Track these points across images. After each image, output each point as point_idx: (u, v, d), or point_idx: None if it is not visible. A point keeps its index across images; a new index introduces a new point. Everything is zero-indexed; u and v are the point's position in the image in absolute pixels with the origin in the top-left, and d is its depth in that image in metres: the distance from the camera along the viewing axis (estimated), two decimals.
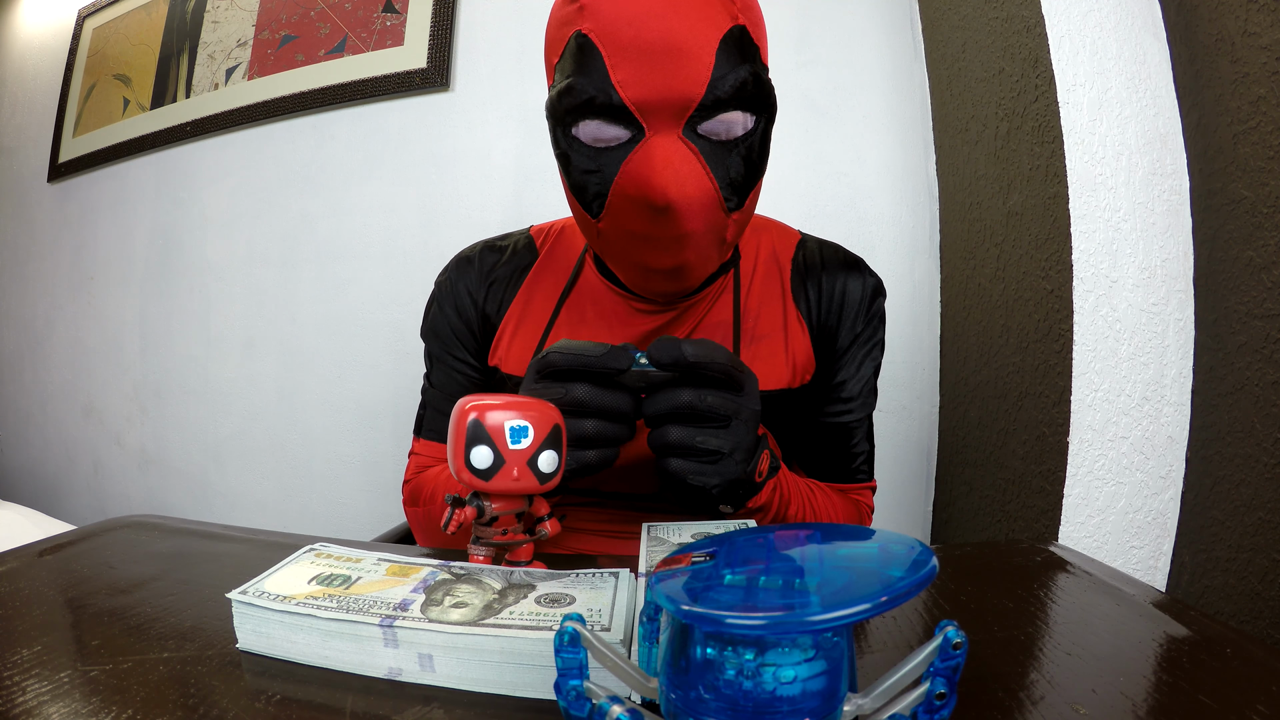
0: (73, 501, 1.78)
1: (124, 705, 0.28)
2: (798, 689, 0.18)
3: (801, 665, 0.18)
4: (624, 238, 0.51)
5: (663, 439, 0.43)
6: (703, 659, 0.18)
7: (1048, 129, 0.76)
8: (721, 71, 0.46)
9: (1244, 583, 0.64)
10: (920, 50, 1.14)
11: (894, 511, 1.15)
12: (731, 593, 0.18)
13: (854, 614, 0.16)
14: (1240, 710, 0.27)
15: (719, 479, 0.44)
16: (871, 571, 0.18)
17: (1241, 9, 0.64)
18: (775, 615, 0.16)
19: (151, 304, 1.63)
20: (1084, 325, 0.73)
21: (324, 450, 1.45)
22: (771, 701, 0.18)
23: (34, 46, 1.91)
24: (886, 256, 1.15)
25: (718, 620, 0.16)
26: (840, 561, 0.19)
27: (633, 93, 0.46)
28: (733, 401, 0.44)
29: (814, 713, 0.18)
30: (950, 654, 0.20)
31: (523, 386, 0.47)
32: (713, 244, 0.52)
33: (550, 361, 0.44)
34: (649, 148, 0.47)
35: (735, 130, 0.48)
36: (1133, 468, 0.73)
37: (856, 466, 0.65)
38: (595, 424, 0.43)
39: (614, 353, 0.43)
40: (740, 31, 0.47)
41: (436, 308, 0.66)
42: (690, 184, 0.47)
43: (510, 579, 0.35)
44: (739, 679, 0.18)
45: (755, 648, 0.18)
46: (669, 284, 0.54)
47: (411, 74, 1.36)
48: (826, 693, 0.19)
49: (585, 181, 0.50)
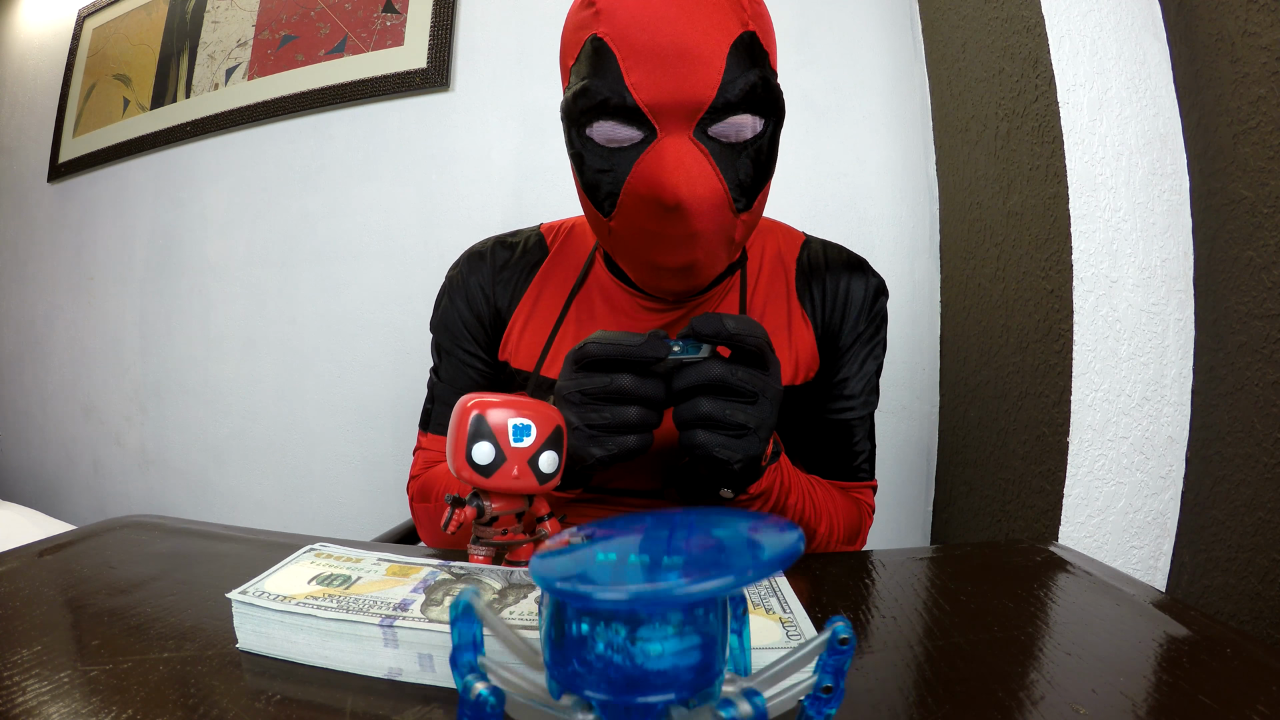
0: (73, 501, 1.78)
1: (124, 705, 0.28)
2: (668, 664, 0.18)
3: (670, 640, 0.18)
4: (635, 236, 0.52)
5: (694, 410, 0.44)
6: (577, 635, 0.19)
7: (1048, 129, 0.76)
8: (732, 75, 0.47)
9: (1244, 583, 0.64)
10: (920, 50, 1.14)
11: (894, 511, 1.15)
12: (602, 570, 0.18)
13: (714, 588, 0.17)
14: (1240, 710, 0.27)
15: (742, 454, 0.44)
16: (738, 550, 0.19)
17: (1241, 9, 0.64)
18: (638, 589, 0.17)
19: (151, 304, 1.63)
20: (1084, 325, 0.73)
21: (324, 450, 1.45)
22: (644, 676, 0.18)
23: (34, 46, 1.90)
24: (886, 256, 1.15)
25: (585, 595, 0.17)
26: (709, 541, 0.19)
27: (646, 95, 0.47)
28: (761, 379, 0.44)
29: (686, 687, 0.19)
30: (838, 649, 0.20)
31: (561, 377, 0.47)
32: (721, 243, 0.52)
33: (589, 352, 0.44)
34: (661, 148, 0.48)
35: (745, 133, 0.49)
36: (1133, 468, 0.73)
37: (858, 465, 0.65)
38: (639, 411, 0.44)
39: (652, 341, 0.44)
40: (750, 37, 0.48)
41: (448, 301, 0.67)
42: (700, 184, 0.48)
43: (510, 579, 0.35)
44: (609, 653, 0.18)
45: (626, 623, 0.18)
46: (678, 282, 0.54)
47: (411, 74, 1.36)
48: (699, 668, 0.19)
49: (598, 180, 0.51)
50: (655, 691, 0.19)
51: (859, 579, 0.45)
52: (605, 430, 0.44)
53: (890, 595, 0.42)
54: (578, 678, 0.19)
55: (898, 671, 0.32)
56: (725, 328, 0.43)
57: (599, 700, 0.19)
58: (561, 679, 0.20)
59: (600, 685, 0.19)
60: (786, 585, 0.36)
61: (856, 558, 0.50)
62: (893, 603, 0.40)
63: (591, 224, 0.56)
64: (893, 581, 0.44)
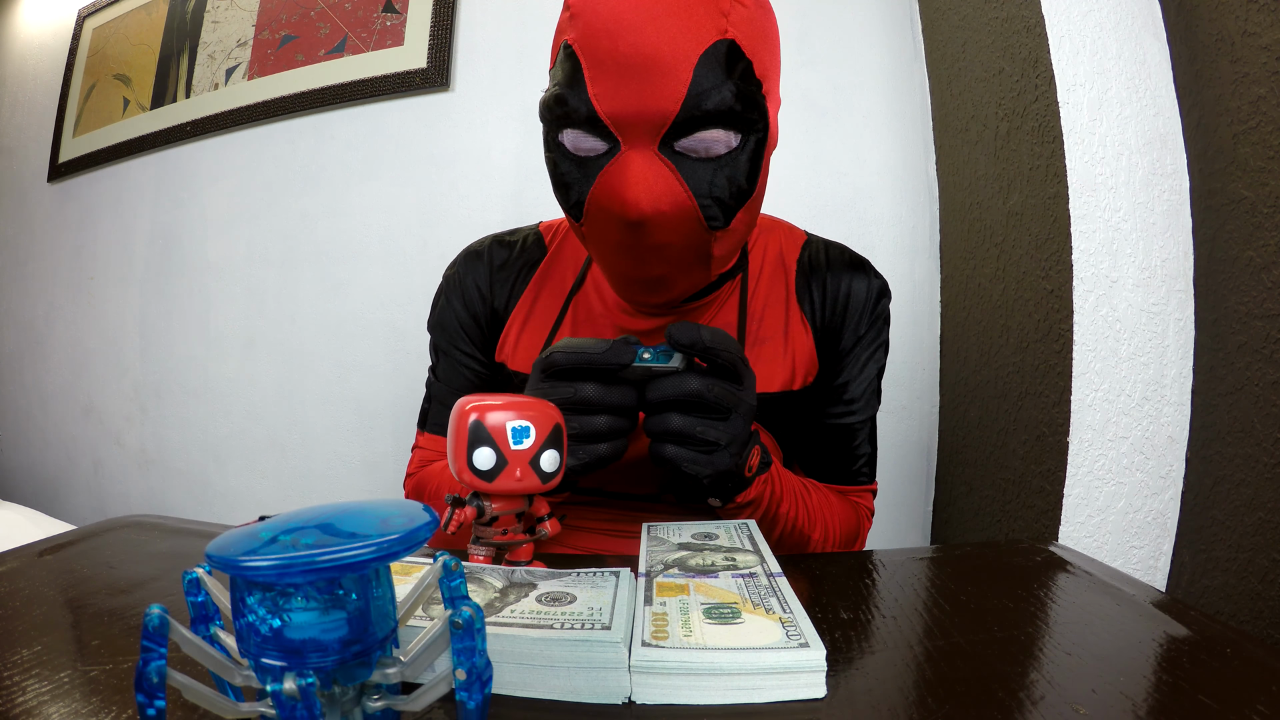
0: (73, 501, 1.78)
1: (124, 705, 0.28)
2: (314, 633, 0.21)
3: (313, 612, 0.21)
4: (603, 245, 0.51)
5: (663, 425, 0.43)
6: (246, 605, 0.21)
7: (1048, 129, 0.76)
8: (701, 87, 0.44)
9: (1244, 583, 0.64)
10: (920, 50, 1.14)
11: (894, 511, 1.15)
12: (263, 546, 0.20)
13: (341, 558, 0.20)
14: (1240, 710, 0.27)
15: (711, 469, 0.44)
16: (373, 529, 0.21)
17: (1241, 9, 0.64)
18: (279, 558, 0.19)
19: (151, 304, 1.63)
20: (1084, 325, 0.73)
21: (324, 450, 1.45)
22: (298, 644, 0.21)
23: (34, 46, 1.90)
24: (886, 256, 1.15)
25: (235, 564, 0.20)
26: (356, 524, 0.22)
27: (607, 106, 0.46)
28: (735, 394, 0.44)
29: (335, 654, 0.21)
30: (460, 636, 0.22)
31: (528, 386, 0.47)
32: (693, 260, 0.51)
33: (554, 361, 0.44)
34: (623, 162, 0.46)
35: (716, 149, 0.47)
36: (1133, 468, 0.73)
37: (858, 469, 0.65)
38: (607, 419, 0.44)
39: (616, 348, 0.43)
40: (728, 46, 0.45)
41: (444, 300, 0.66)
42: (665, 200, 0.46)
43: (511, 578, 0.35)
44: (268, 618, 0.21)
45: (278, 595, 0.21)
46: (649, 294, 0.53)
47: (411, 74, 1.35)
48: (347, 641, 0.22)
49: (568, 186, 0.51)
50: (308, 658, 0.21)
51: (859, 579, 0.45)
52: (575, 440, 0.44)
53: (890, 595, 0.42)
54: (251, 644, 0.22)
55: (898, 671, 0.32)
56: (701, 339, 0.42)
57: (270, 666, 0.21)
58: (241, 646, 0.22)
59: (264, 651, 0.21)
60: (786, 585, 0.36)
61: (856, 558, 0.50)
62: (893, 603, 0.40)
63: (571, 228, 0.55)
64: (893, 581, 0.44)
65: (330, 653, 0.21)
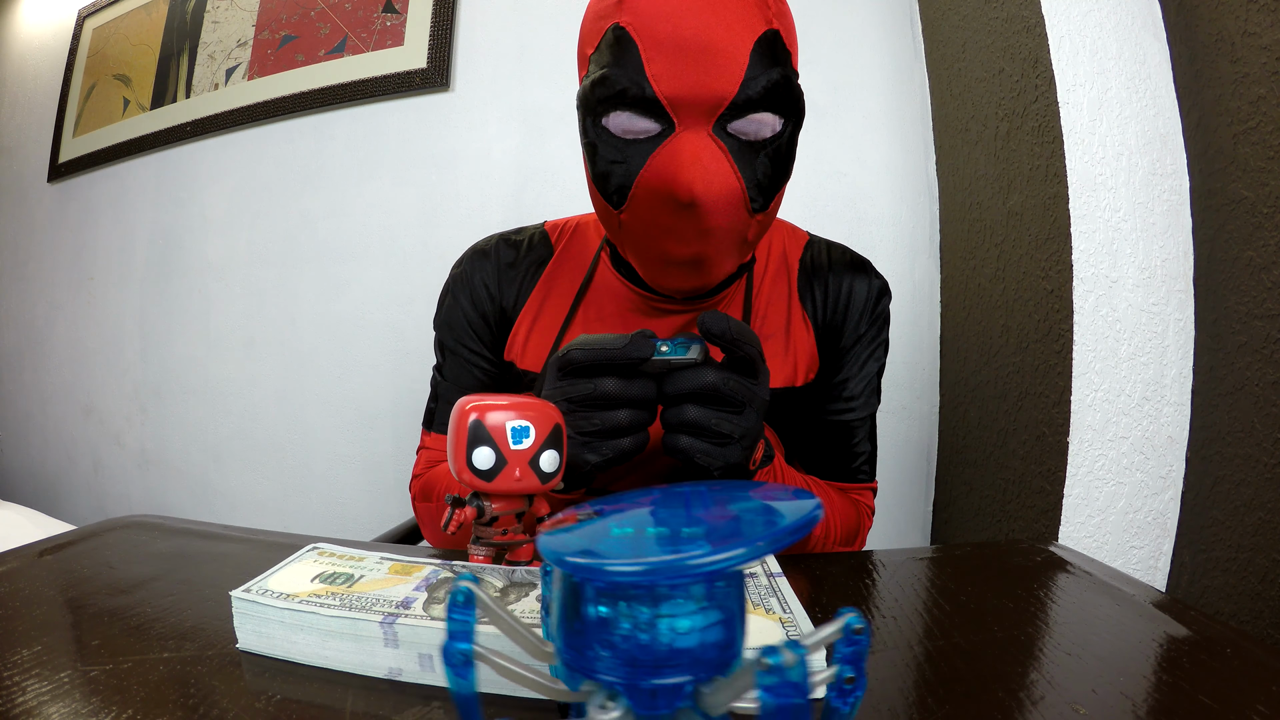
0: (73, 501, 1.78)
1: (124, 705, 0.28)
2: (695, 640, 0.18)
3: (696, 615, 0.18)
4: (645, 229, 0.51)
5: (680, 416, 0.44)
6: (596, 617, 0.18)
7: (1048, 129, 0.76)
8: (754, 72, 0.47)
9: (1244, 583, 0.64)
10: (920, 50, 1.14)
11: (894, 511, 1.15)
12: (619, 544, 0.17)
13: (734, 556, 0.16)
14: (1240, 710, 0.27)
15: (722, 461, 0.44)
16: (755, 520, 0.18)
17: (1241, 9, 0.64)
18: (656, 560, 0.16)
19: (151, 304, 1.63)
20: (1084, 325, 0.73)
21: (324, 450, 1.45)
22: (670, 654, 0.18)
23: (34, 46, 1.90)
24: (886, 256, 1.15)
25: (598, 569, 0.16)
26: (726, 513, 0.19)
27: (666, 87, 0.46)
28: (750, 389, 0.44)
29: (710, 666, 0.18)
30: (854, 639, 0.19)
31: (545, 385, 0.47)
32: (734, 242, 0.52)
33: (572, 358, 0.44)
34: (678, 143, 0.47)
35: (764, 131, 0.49)
36: (1133, 468, 0.73)
37: (858, 466, 0.65)
38: (629, 413, 0.44)
39: (636, 342, 0.43)
40: (774, 35, 0.48)
41: (451, 299, 0.66)
42: (717, 181, 0.47)
43: (511, 578, 0.35)
44: (635, 633, 0.17)
45: (649, 601, 0.17)
46: (686, 278, 0.53)
47: (411, 74, 1.35)
48: (724, 644, 0.18)
49: (610, 171, 0.50)
50: (679, 672, 0.18)
51: (859, 579, 0.45)
52: (597, 436, 0.44)
53: (890, 595, 0.42)
54: (600, 661, 0.18)
55: (898, 671, 0.32)
56: (730, 329, 0.43)
57: (622, 685, 0.18)
58: (580, 664, 0.19)
59: (622, 668, 0.18)
60: (786, 585, 0.36)
61: (856, 558, 0.50)
62: (893, 603, 0.40)
63: (600, 216, 0.55)
64: (893, 581, 0.44)
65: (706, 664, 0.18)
